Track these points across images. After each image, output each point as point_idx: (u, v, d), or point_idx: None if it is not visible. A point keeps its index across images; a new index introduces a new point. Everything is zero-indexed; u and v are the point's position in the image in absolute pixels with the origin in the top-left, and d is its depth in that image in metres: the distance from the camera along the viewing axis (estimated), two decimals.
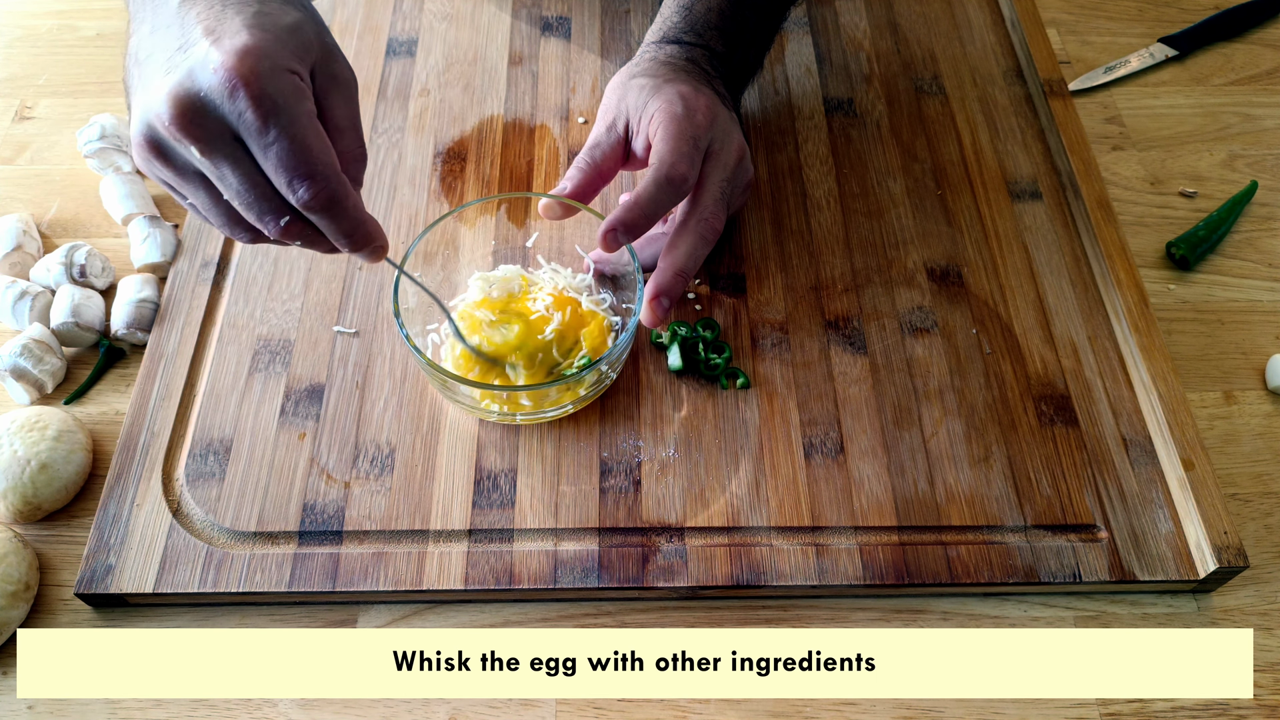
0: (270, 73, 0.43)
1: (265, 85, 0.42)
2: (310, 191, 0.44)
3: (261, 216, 0.46)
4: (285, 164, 0.44)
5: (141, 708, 0.53)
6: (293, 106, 0.43)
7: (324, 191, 0.45)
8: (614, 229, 0.56)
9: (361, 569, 0.55)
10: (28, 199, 0.73)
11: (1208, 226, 0.72)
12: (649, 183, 0.57)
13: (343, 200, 0.46)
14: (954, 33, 0.83)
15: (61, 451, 0.58)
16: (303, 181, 0.44)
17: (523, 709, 0.53)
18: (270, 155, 0.44)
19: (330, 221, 0.46)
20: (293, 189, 0.44)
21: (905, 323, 0.66)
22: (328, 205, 0.45)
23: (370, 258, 0.49)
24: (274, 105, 0.43)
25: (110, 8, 0.86)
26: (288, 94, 0.43)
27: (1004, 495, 0.59)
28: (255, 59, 0.42)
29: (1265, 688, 0.55)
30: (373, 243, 0.48)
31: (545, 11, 0.83)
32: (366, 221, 0.48)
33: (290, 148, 0.43)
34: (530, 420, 0.60)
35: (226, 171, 0.45)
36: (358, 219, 0.47)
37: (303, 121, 0.44)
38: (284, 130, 0.43)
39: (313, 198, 0.44)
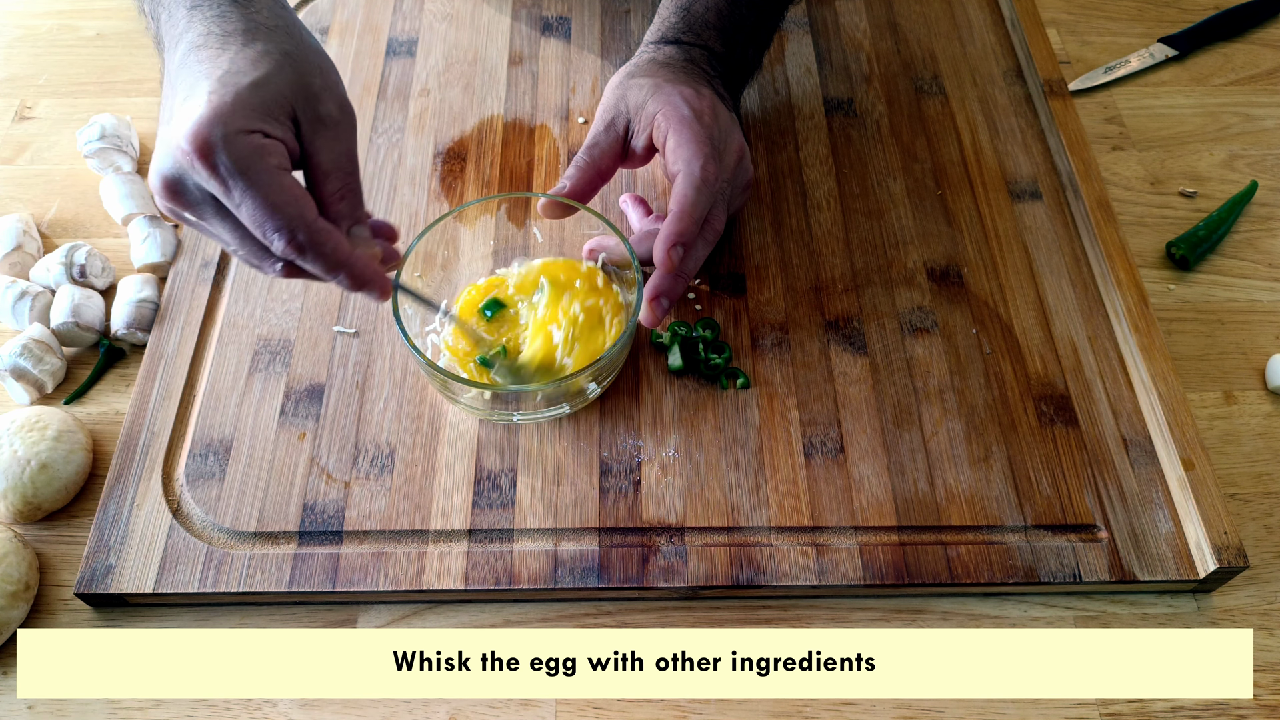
0: (224, 140, 0.45)
1: (218, 155, 0.45)
2: (282, 241, 0.47)
3: (260, 263, 0.50)
4: (254, 220, 0.47)
5: (141, 708, 0.53)
6: (251, 167, 0.46)
7: (294, 241, 0.47)
8: (674, 244, 0.57)
9: (361, 569, 0.55)
10: (28, 199, 0.73)
11: (1208, 226, 0.72)
12: (688, 189, 0.58)
13: (320, 244, 0.48)
14: (954, 33, 0.83)
15: (61, 451, 0.58)
16: (273, 234, 0.47)
17: (523, 709, 0.53)
18: (242, 214, 0.47)
19: (314, 265, 0.49)
20: (268, 241, 0.47)
21: (905, 323, 0.66)
22: (303, 252, 0.48)
23: (375, 299, 0.51)
24: (230, 170, 0.45)
25: (110, 8, 0.86)
26: (245, 156, 0.45)
27: (1004, 495, 0.59)
28: (207, 130, 0.45)
29: (1265, 688, 0.55)
30: (367, 285, 0.50)
31: (545, 11, 0.83)
32: (353, 264, 0.49)
33: (254, 205, 0.46)
34: (530, 420, 0.60)
35: (218, 229, 0.49)
36: (339, 261, 0.49)
37: (263, 179, 0.46)
38: (245, 190, 0.46)
39: (286, 245, 0.47)
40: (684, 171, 0.58)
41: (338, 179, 0.50)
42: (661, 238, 0.57)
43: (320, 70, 0.50)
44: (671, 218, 0.57)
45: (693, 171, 0.58)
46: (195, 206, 0.48)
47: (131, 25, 0.85)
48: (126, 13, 0.86)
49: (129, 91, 0.80)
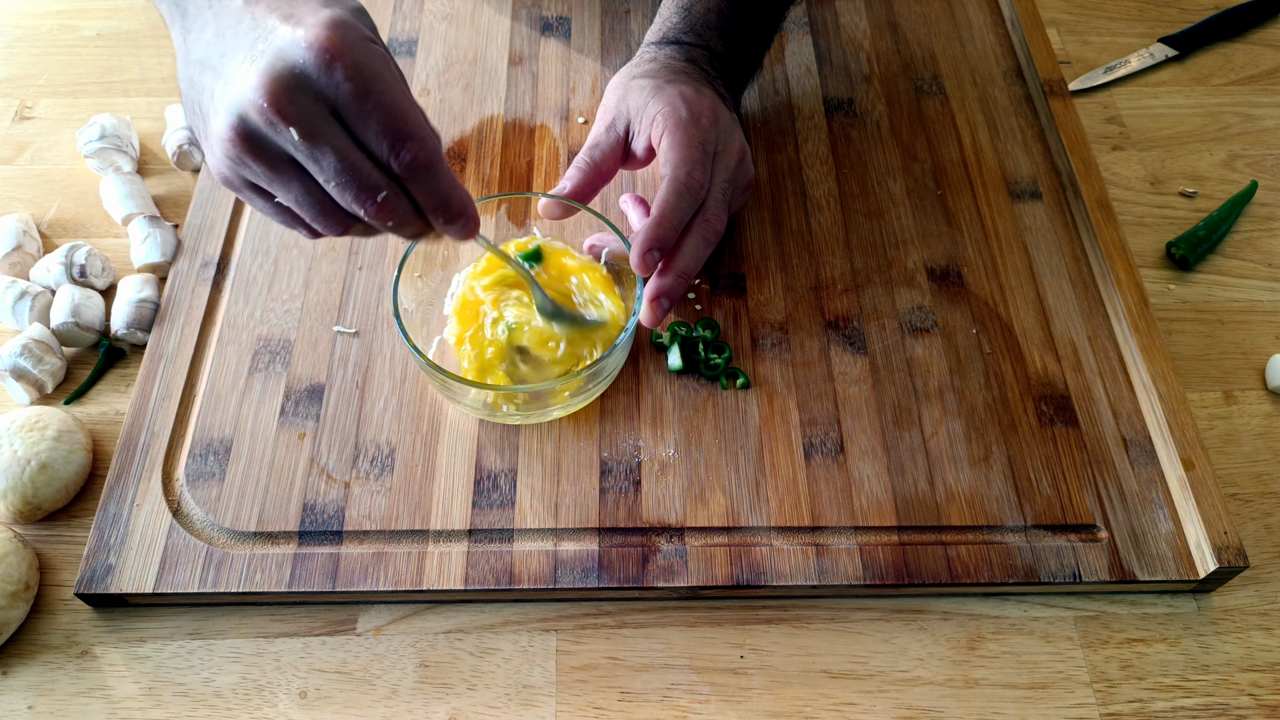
0: (359, 43, 0.43)
1: (357, 55, 0.43)
2: (412, 152, 0.44)
3: (360, 195, 0.45)
4: (387, 128, 0.44)
5: (141, 708, 0.53)
6: (384, 73, 0.44)
7: (424, 151, 0.45)
8: (649, 249, 0.57)
9: (361, 569, 0.55)
10: (28, 199, 0.73)
11: (1208, 226, 0.72)
12: (669, 194, 0.57)
13: (440, 162, 0.46)
14: (954, 33, 0.83)
15: (61, 451, 0.58)
16: (404, 143, 0.44)
17: (522, 709, 0.53)
18: (371, 122, 0.44)
19: (430, 185, 0.46)
20: (395, 152, 0.44)
21: (905, 323, 0.66)
22: (428, 165, 0.45)
23: (461, 233, 0.49)
24: (370, 73, 0.43)
25: (110, 8, 0.86)
26: (377, 62, 0.43)
27: (1004, 495, 0.59)
28: (343, 30, 0.42)
29: (1265, 688, 0.55)
30: (465, 213, 0.48)
31: (545, 12, 0.83)
32: (461, 189, 0.47)
33: (391, 112, 0.44)
34: (529, 420, 0.60)
35: (324, 151, 0.44)
36: (454, 183, 0.47)
37: (396, 87, 0.44)
38: (382, 96, 0.43)
39: (414, 158, 0.44)
40: (669, 176, 0.58)
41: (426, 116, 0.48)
42: (638, 242, 0.57)
43: None
44: (650, 222, 0.57)
45: (677, 177, 0.58)
46: (307, 120, 0.43)
47: (131, 25, 0.85)
48: (127, 13, 0.86)
49: (129, 91, 0.80)
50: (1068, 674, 0.55)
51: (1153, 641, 0.56)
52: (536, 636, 0.56)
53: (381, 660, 0.55)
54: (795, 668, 0.55)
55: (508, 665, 0.55)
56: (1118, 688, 0.54)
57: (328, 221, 0.48)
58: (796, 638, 0.56)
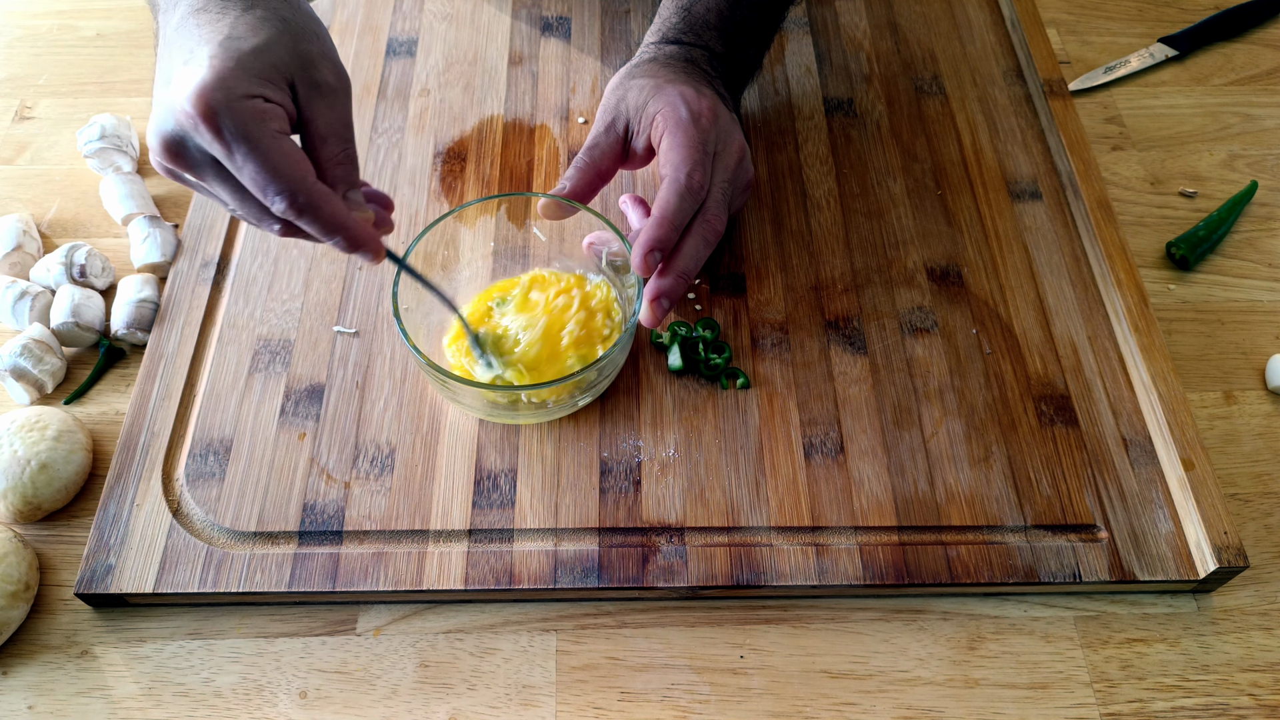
0: (227, 104, 0.46)
1: (222, 118, 0.46)
2: (283, 203, 0.48)
3: (259, 222, 0.51)
4: (256, 182, 0.48)
5: (141, 708, 0.53)
6: (253, 131, 0.47)
7: (295, 202, 0.48)
8: (651, 250, 0.57)
9: (361, 569, 0.55)
10: (28, 199, 0.73)
11: (1208, 226, 0.72)
12: (670, 195, 0.57)
13: (318, 207, 0.49)
14: (954, 33, 0.83)
15: (61, 451, 0.58)
16: (274, 195, 0.48)
17: (523, 709, 0.53)
18: (243, 176, 0.48)
19: (312, 226, 0.50)
20: (269, 202, 0.48)
21: (905, 323, 0.66)
22: (302, 213, 0.49)
23: (369, 260, 0.52)
24: (234, 133, 0.46)
25: (110, 8, 0.86)
26: (247, 120, 0.47)
27: (1004, 495, 0.59)
28: (210, 94, 0.46)
29: (1265, 688, 0.55)
30: (363, 246, 0.51)
31: (545, 11, 0.83)
32: (350, 226, 0.51)
33: (256, 168, 0.47)
34: (529, 420, 0.59)
35: (217, 189, 0.50)
36: (337, 223, 0.50)
37: (265, 143, 0.47)
38: (248, 154, 0.47)
39: (287, 207, 0.48)
40: (670, 177, 0.58)
41: (335, 144, 0.51)
42: (639, 243, 0.57)
43: (317, 37, 0.51)
44: (650, 223, 0.57)
45: (678, 178, 0.58)
46: (195, 168, 0.49)
47: (131, 25, 0.85)
48: (126, 13, 0.86)
49: (129, 91, 0.80)
50: (1068, 674, 0.55)
51: (1153, 641, 0.56)
52: (536, 636, 0.56)
53: (381, 660, 0.55)
54: (795, 668, 0.55)
55: (508, 665, 0.55)
56: (1118, 688, 0.54)
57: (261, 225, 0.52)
58: (796, 638, 0.56)
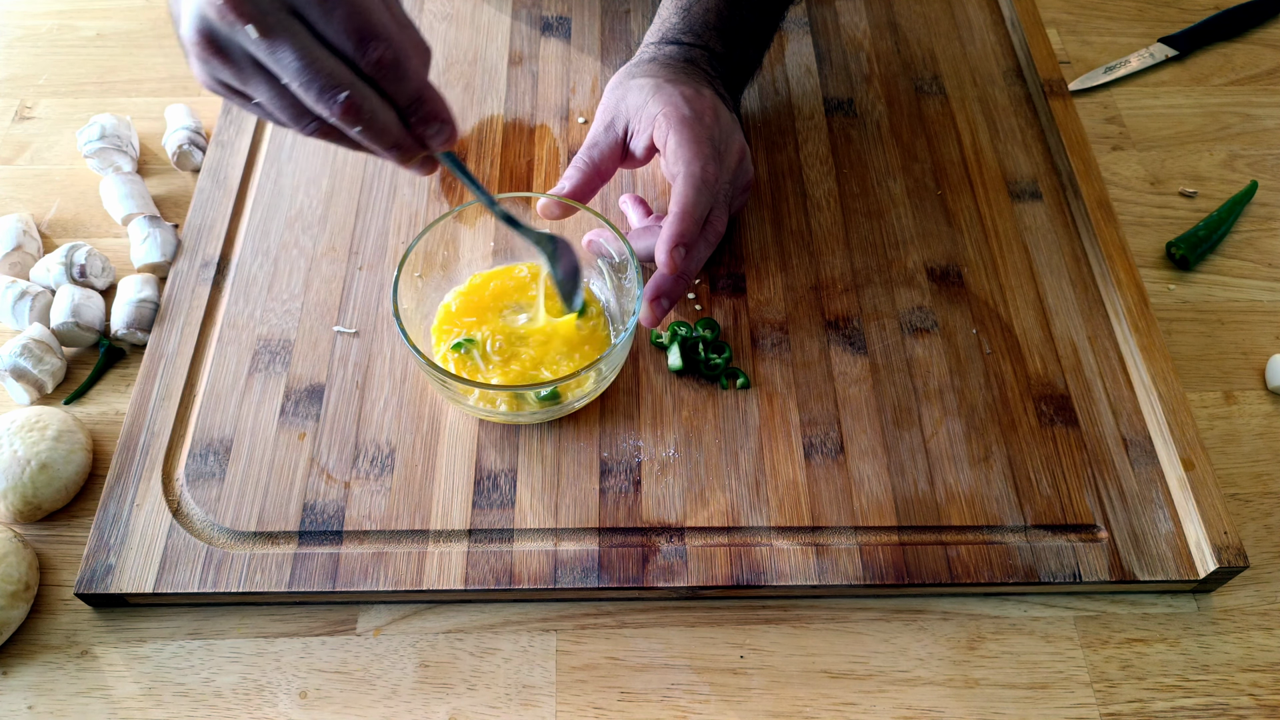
0: None
1: None
2: (377, 51, 0.43)
3: (322, 94, 0.44)
4: (350, 24, 0.42)
5: (141, 708, 0.53)
6: None
7: (390, 50, 0.43)
8: (676, 244, 0.57)
9: (361, 569, 0.55)
10: (28, 199, 0.73)
11: (1208, 226, 0.72)
12: (688, 189, 0.57)
13: (407, 61, 0.44)
14: (954, 33, 0.83)
15: (61, 451, 0.58)
16: (369, 42, 0.43)
17: (523, 709, 0.53)
18: (334, 18, 0.42)
19: (397, 84, 0.45)
20: (361, 50, 0.43)
21: (905, 323, 0.66)
22: (395, 66, 0.44)
23: (440, 139, 0.47)
24: None
25: (110, 8, 0.86)
26: None
27: (1004, 495, 0.59)
28: None
29: (1265, 688, 0.55)
30: (440, 116, 0.46)
31: (545, 11, 0.83)
32: (434, 94, 0.46)
33: (353, 7, 0.42)
34: (528, 421, 0.60)
35: (284, 49, 0.43)
36: (423, 84, 0.45)
37: None
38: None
39: (381, 58, 0.43)
40: (684, 172, 0.58)
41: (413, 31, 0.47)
42: (663, 239, 0.57)
43: None
44: (672, 218, 0.57)
45: (693, 172, 0.58)
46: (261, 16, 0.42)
47: (131, 25, 0.85)
48: (126, 13, 0.86)
49: (129, 91, 0.80)
50: (1068, 674, 0.55)
51: (1153, 641, 0.56)
52: (536, 636, 0.56)
53: (381, 660, 0.55)
54: (795, 668, 0.55)
55: (508, 665, 0.55)
56: (1118, 688, 0.54)
57: (306, 121, 0.46)
58: (796, 638, 0.56)
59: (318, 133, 0.47)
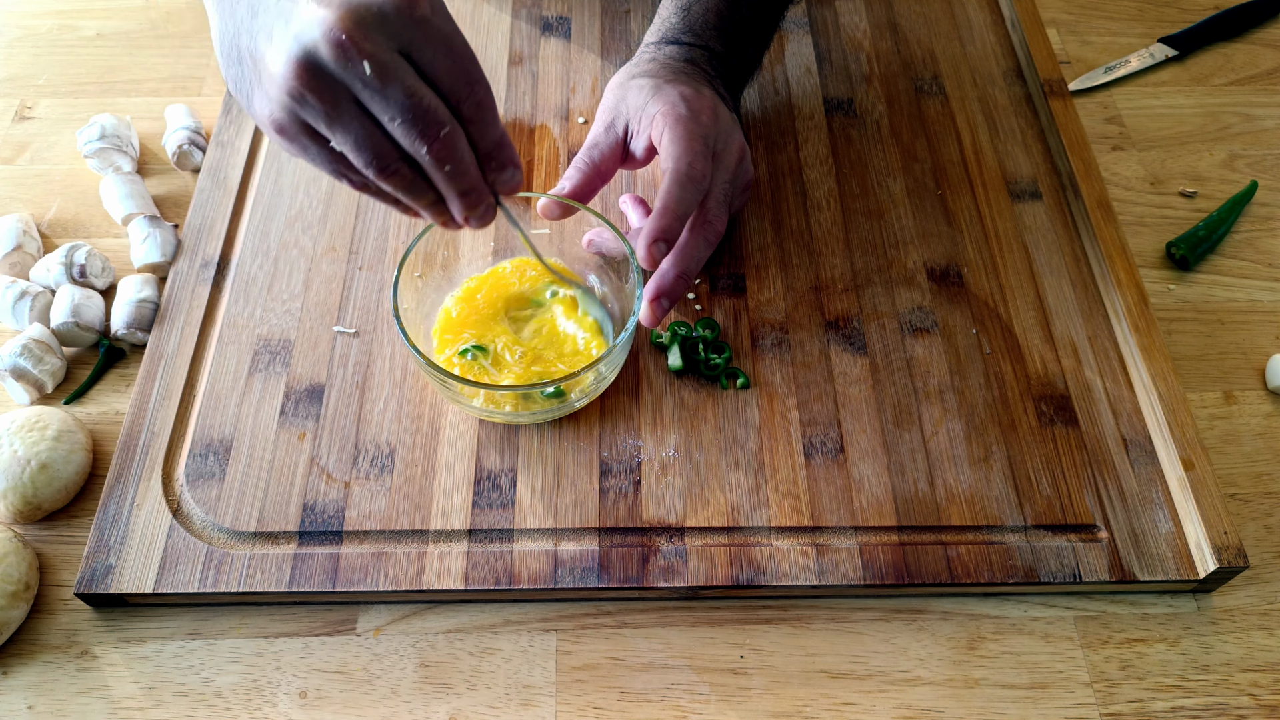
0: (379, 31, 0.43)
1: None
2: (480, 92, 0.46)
3: (426, 130, 0.45)
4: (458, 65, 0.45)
5: (141, 708, 0.53)
6: (452, 19, 0.46)
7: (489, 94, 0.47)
8: (656, 240, 0.57)
9: (361, 569, 0.55)
10: (28, 199, 0.73)
11: (1208, 226, 0.72)
12: (673, 185, 0.57)
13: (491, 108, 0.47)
14: (954, 33, 0.83)
15: (61, 451, 0.58)
16: (474, 85, 0.46)
17: (523, 709, 0.53)
18: (442, 62, 0.45)
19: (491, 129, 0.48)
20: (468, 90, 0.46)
21: (905, 323, 0.66)
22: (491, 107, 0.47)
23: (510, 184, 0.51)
24: (445, 13, 0.45)
25: (110, 8, 0.86)
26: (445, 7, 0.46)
27: (1004, 495, 0.59)
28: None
29: (1265, 688, 0.55)
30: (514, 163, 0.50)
31: (545, 11, 0.83)
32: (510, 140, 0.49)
33: (464, 54, 0.45)
34: (528, 421, 0.60)
35: (394, 87, 0.43)
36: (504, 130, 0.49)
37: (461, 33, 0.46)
38: (454, 38, 0.45)
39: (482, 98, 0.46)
40: (671, 168, 0.58)
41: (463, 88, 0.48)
42: (644, 234, 0.57)
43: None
44: (655, 214, 0.57)
45: (680, 169, 0.58)
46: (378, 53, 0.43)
47: (131, 25, 0.85)
48: (126, 13, 0.86)
49: (129, 91, 0.80)
50: (1068, 674, 0.55)
51: (1153, 641, 0.56)
52: (536, 636, 0.56)
53: (381, 660, 0.55)
54: (795, 668, 0.55)
55: (508, 665, 0.55)
56: (1118, 688, 0.54)
57: (376, 171, 0.47)
58: (796, 638, 0.56)
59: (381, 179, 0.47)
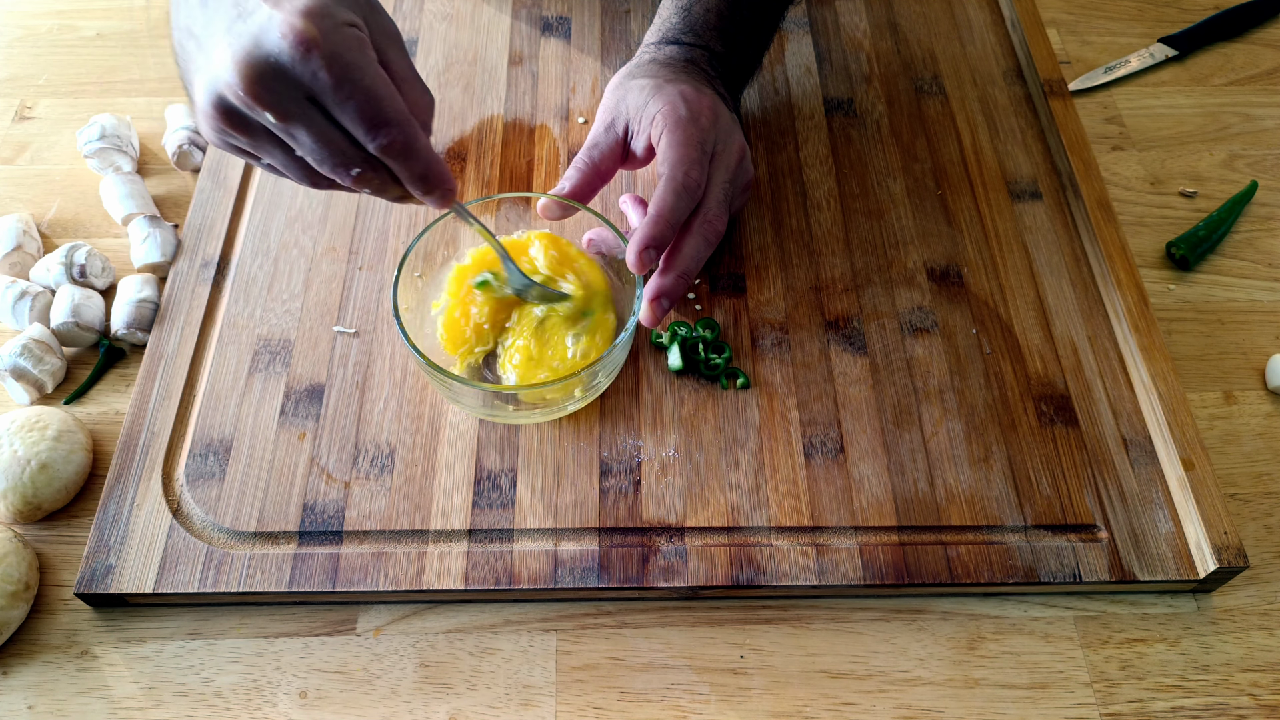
0: (336, 30, 0.44)
1: (334, 43, 0.43)
2: (388, 138, 0.46)
3: (335, 169, 0.47)
4: (363, 116, 0.45)
5: (141, 708, 0.53)
6: (360, 59, 0.44)
7: (400, 137, 0.46)
8: (646, 247, 0.57)
9: (361, 569, 0.55)
10: (28, 199, 0.73)
11: (1208, 226, 0.72)
12: (667, 193, 0.57)
13: (415, 143, 0.47)
14: (954, 33, 0.83)
15: (61, 451, 0.58)
16: (379, 130, 0.45)
17: (523, 709, 0.53)
18: (347, 109, 0.45)
19: (405, 165, 0.48)
20: (371, 138, 0.46)
21: (905, 323, 0.66)
22: (404, 150, 0.47)
23: (440, 202, 0.50)
24: (345, 61, 0.44)
25: (110, 8, 0.86)
26: (353, 48, 0.44)
27: (1004, 495, 0.59)
28: (319, 17, 0.43)
29: (1265, 688, 0.55)
30: (444, 184, 0.50)
31: (545, 11, 0.83)
32: (437, 163, 0.49)
33: (366, 99, 0.45)
34: (528, 421, 0.60)
35: (299, 131, 0.46)
36: (430, 160, 0.48)
37: (372, 72, 0.45)
38: (357, 83, 0.44)
39: (390, 143, 0.46)
40: (667, 175, 0.58)
41: (416, 86, 0.49)
42: (634, 240, 0.57)
43: None
44: (647, 220, 0.57)
45: (675, 176, 0.58)
46: (283, 104, 0.44)
47: (131, 25, 0.85)
48: (126, 13, 0.86)
49: (129, 91, 0.80)
50: (1068, 674, 0.55)
51: (1153, 641, 0.56)
52: (536, 636, 0.56)
53: (381, 660, 0.55)
54: (795, 668, 0.55)
55: (508, 665, 0.55)
56: (1118, 688, 0.54)
57: (314, 182, 0.50)
58: (796, 638, 0.56)
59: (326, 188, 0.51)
